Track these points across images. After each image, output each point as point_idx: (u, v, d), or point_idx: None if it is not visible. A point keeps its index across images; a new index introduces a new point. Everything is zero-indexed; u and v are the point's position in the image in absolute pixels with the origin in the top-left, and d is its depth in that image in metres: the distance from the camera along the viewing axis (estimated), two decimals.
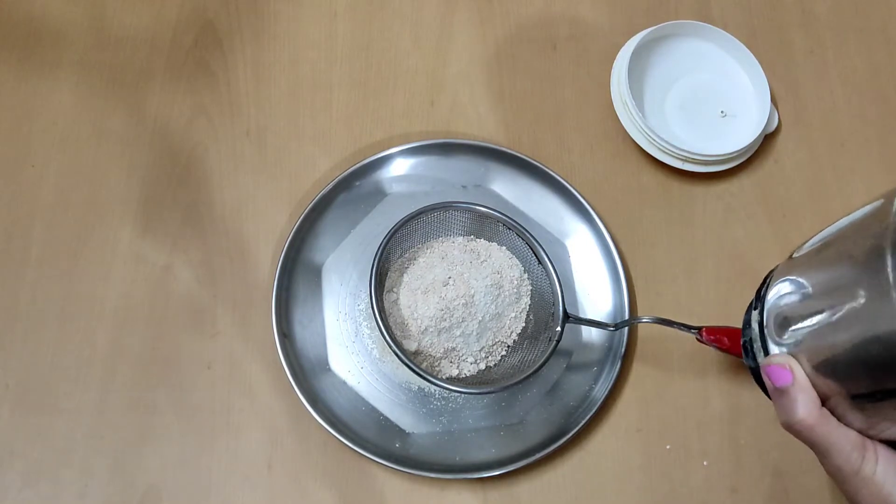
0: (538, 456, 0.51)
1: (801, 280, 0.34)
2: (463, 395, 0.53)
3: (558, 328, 0.49)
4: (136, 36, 0.63)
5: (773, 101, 0.62)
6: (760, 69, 0.61)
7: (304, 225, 0.56)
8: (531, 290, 0.53)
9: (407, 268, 0.53)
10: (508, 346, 0.53)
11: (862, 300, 0.29)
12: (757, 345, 0.36)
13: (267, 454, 0.52)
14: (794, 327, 0.33)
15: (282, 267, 0.55)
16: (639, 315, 0.56)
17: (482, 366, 0.52)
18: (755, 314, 0.37)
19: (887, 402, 0.29)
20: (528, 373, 0.48)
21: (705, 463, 0.53)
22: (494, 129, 0.61)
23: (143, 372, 0.53)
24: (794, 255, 0.36)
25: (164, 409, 0.53)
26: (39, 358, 0.53)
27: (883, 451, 0.31)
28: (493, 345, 0.52)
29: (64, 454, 0.51)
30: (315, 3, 0.65)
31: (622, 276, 0.56)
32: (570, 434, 0.51)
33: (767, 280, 0.38)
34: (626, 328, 0.54)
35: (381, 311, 0.49)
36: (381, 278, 0.52)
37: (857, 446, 0.31)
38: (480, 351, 0.52)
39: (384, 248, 0.50)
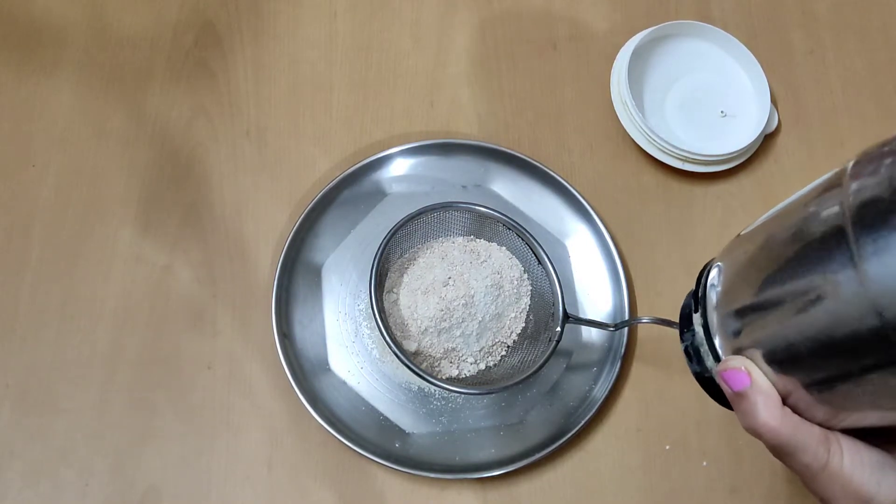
0: (538, 456, 0.51)
1: (744, 271, 0.32)
2: (463, 396, 0.53)
3: (558, 328, 0.49)
4: (136, 36, 0.63)
5: (773, 101, 0.62)
6: (760, 69, 0.61)
7: (304, 225, 0.56)
8: (531, 291, 0.53)
9: (407, 268, 0.53)
10: (508, 347, 0.53)
11: (822, 280, 0.27)
12: (704, 348, 0.35)
13: (267, 454, 0.52)
14: (743, 323, 0.32)
15: (282, 267, 0.55)
16: (639, 315, 0.56)
17: (482, 366, 0.52)
18: (697, 317, 0.35)
19: (855, 384, 0.28)
20: (528, 373, 0.48)
21: (705, 463, 0.53)
22: (494, 129, 0.61)
23: (143, 372, 0.53)
24: (729, 248, 0.34)
25: (164, 409, 0.53)
26: (39, 358, 0.53)
27: (846, 441, 0.30)
28: (493, 345, 0.52)
29: (64, 454, 0.51)
30: (315, 3, 0.65)
31: (622, 276, 0.56)
32: (570, 434, 0.51)
33: (702, 280, 0.36)
34: (626, 328, 0.54)
35: (381, 311, 0.49)
36: (381, 278, 0.52)
37: (822, 441, 0.30)
38: (480, 351, 0.52)
39: (384, 248, 0.50)
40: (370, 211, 0.58)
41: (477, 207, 0.52)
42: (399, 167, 0.59)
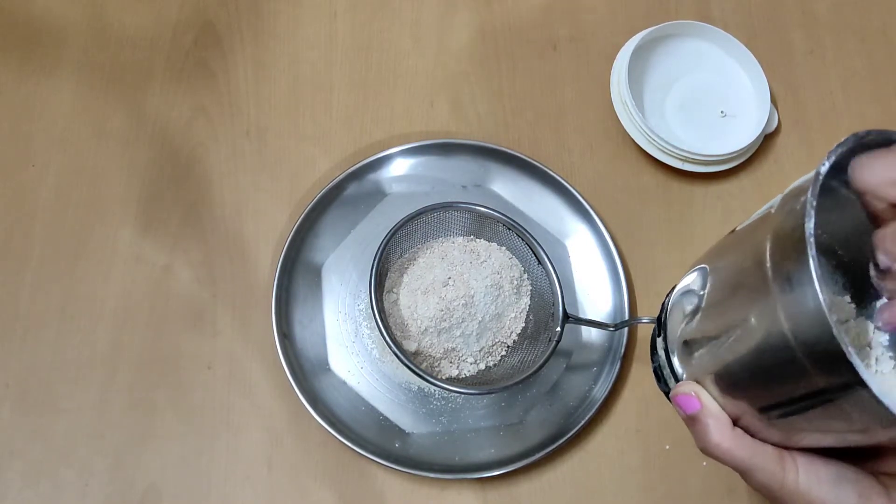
0: (538, 456, 0.51)
1: (693, 300, 0.34)
2: (463, 396, 0.53)
3: (558, 328, 0.49)
4: (136, 36, 0.63)
5: (773, 101, 0.62)
6: (760, 69, 0.61)
7: (304, 225, 0.56)
8: (531, 291, 0.53)
9: (407, 268, 0.53)
10: (508, 347, 0.53)
11: (747, 312, 0.28)
12: (666, 371, 0.36)
13: (267, 454, 0.52)
14: (694, 350, 0.33)
15: (282, 267, 0.55)
16: (639, 315, 0.56)
17: (482, 366, 0.52)
18: (660, 340, 0.37)
19: (794, 413, 0.29)
20: (528, 373, 0.48)
21: (704, 463, 0.53)
22: (494, 129, 0.61)
23: (143, 372, 0.53)
24: (686, 274, 0.36)
25: (164, 409, 0.53)
26: (39, 358, 0.53)
27: (801, 459, 0.31)
28: (493, 345, 0.52)
29: (64, 454, 0.51)
30: (315, 3, 0.65)
31: (622, 276, 0.56)
32: (570, 434, 0.51)
33: (665, 304, 0.37)
34: (626, 328, 0.54)
35: (381, 311, 0.49)
36: (381, 278, 0.52)
37: (776, 460, 0.31)
38: (480, 351, 0.52)
39: (384, 248, 0.50)
40: (370, 211, 0.58)
41: (477, 207, 0.52)
42: (399, 167, 0.59)
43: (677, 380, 0.35)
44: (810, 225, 0.25)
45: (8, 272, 0.55)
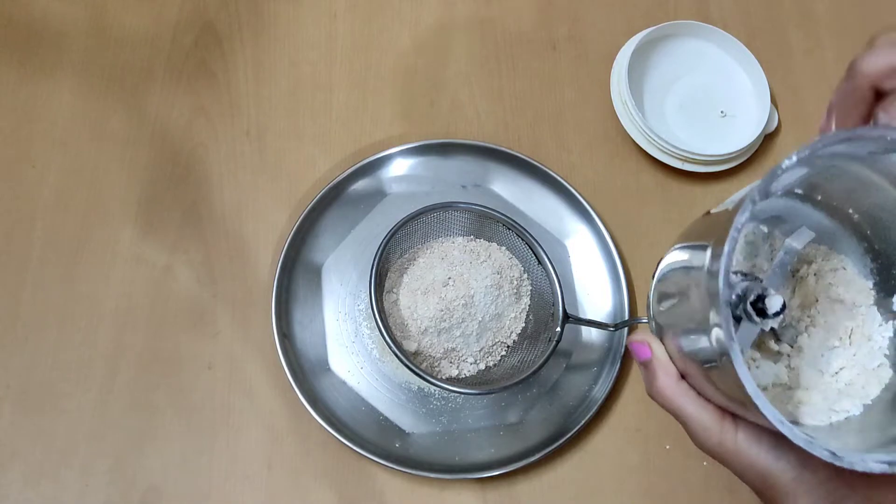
0: (538, 456, 0.51)
1: (669, 265, 0.36)
2: (463, 396, 0.53)
3: (558, 328, 0.49)
4: (136, 36, 0.63)
5: (773, 101, 0.62)
6: (760, 69, 0.61)
7: (304, 225, 0.56)
8: (531, 291, 0.53)
9: (407, 268, 0.53)
10: (508, 347, 0.53)
11: (694, 307, 0.30)
12: (650, 312, 0.38)
13: (267, 454, 0.52)
14: (661, 307, 0.35)
15: (282, 267, 0.55)
16: (639, 315, 0.56)
17: (482, 366, 0.52)
18: (652, 283, 0.38)
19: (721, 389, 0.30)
20: (528, 373, 0.48)
21: (704, 463, 0.53)
22: (494, 130, 0.61)
23: (144, 372, 0.53)
24: (672, 248, 0.37)
25: (164, 409, 0.53)
26: (39, 358, 0.53)
27: (743, 422, 0.32)
28: (493, 345, 0.52)
29: (64, 454, 0.52)
30: (315, 3, 0.65)
31: (622, 276, 0.56)
32: (570, 434, 0.51)
33: (664, 257, 0.39)
34: (626, 328, 0.54)
35: (381, 311, 0.49)
36: (381, 279, 0.52)
37: (715, 420, 0.32)
38: (480, 351, 0.52)
39: (384, 248, 0.50)
40: (370, 211, 0.58)
41: (477, 207, 0.52)
42: (399, 167, 0.59)
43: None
44: (742, 218, 0.26)
45: (8, 272, 0.55)
